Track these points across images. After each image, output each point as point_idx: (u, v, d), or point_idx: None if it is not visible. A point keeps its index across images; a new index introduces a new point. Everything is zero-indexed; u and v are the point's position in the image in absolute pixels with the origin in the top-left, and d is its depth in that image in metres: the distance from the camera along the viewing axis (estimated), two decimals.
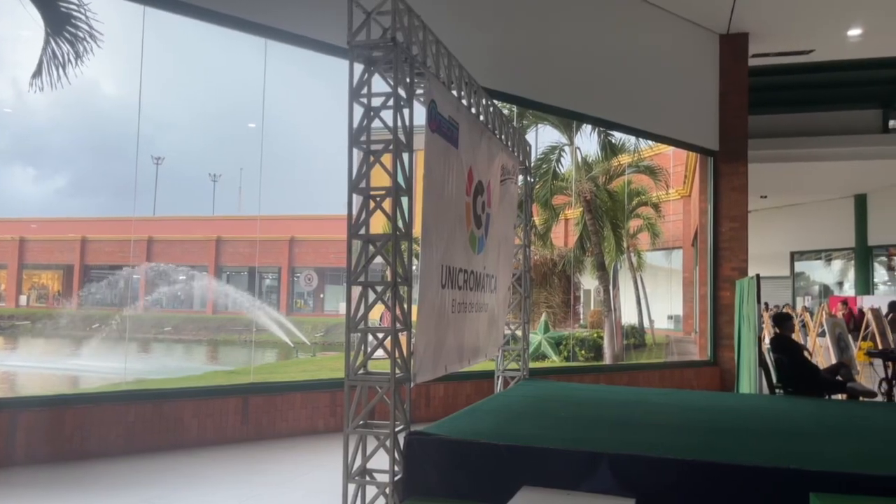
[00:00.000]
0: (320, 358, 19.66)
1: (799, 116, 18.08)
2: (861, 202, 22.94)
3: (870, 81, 17.69)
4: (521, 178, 6.85)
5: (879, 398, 8.45)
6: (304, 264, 31.94)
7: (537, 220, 17.28)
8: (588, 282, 21.66)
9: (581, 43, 9.37)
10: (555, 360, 15.95)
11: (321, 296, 32.69)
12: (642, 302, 20.03)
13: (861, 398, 7.78)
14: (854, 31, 11.11)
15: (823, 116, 18.25)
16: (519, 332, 6.86)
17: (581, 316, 22.94)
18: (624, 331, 18.74)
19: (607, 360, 16.26)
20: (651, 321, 20.27)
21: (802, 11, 10.51)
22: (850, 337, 11.29)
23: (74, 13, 5.82)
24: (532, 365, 7.61)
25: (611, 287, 18.24)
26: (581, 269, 19.89)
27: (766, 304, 20.01)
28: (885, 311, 14.11)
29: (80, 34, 5.82)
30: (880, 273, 23.31)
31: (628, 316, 19.68)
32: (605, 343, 17.09)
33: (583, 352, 16.50)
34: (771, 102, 17.00)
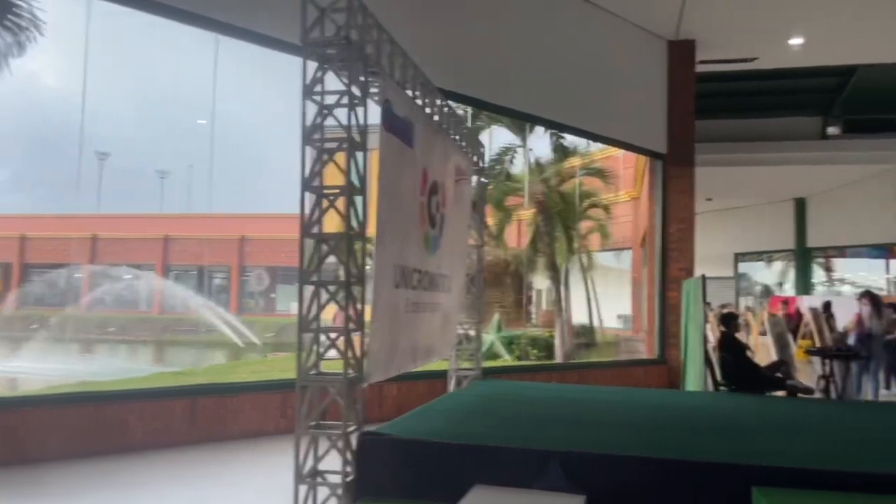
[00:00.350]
0: (271, 359, 19.40)
1: (743, 122, 18.66)
2: (801, 206, 23.78)
3: (810, 89, 18.36)
4: (474, 178, 6.88)
5: (817, 395, 8.77)
6: (255, 263, 31.44)
7: (491, 220, 17.40)
8: (540, 282, 21.91)
9: (534, 46, 9.47)
10: (507, 360, 16.08)
11: (272, 295, 32.23)
12: (593, 302, 20.36)
13: (800, 395, 8.07)
14: (795, 41, 11.52)
15: (766, 122, 18.87)
16: (472, 332, 6.89)
17: (533, 315, 23.19)
18: (575, 330, 19.03)
19: (559, 358, 16.49)
20: (601, 320, 20.61)
21: (746, 20, 10.83)
22: (789, 336, 11.70)
23: (16, 1, 5.61)
24: (485, 364, 7.66)
25: (562, 287, 18.50)
26: (533, 269, 20.11)
27: (709, 303, 20.58)
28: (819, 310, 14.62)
29: (23, 23, 5.60)
30: (818, 274, 24.22)
31: (579, 315, 19.98)
32: (557, 342, 17.32)
33: (535, 351, 16.69)
34: (717, 108, 17.50)
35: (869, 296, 11.44)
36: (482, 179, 7.17)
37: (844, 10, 10.44)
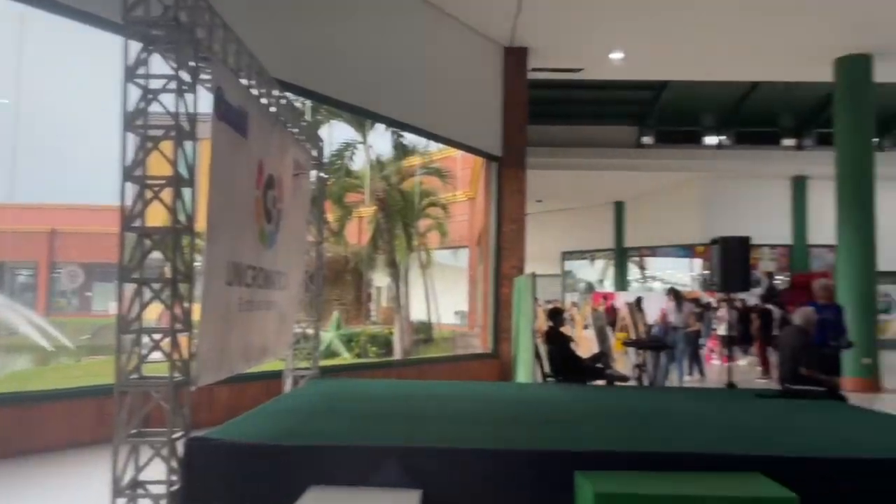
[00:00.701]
0: (86, 363, 17.79)
1: (569, 129, 19.92)
2: (619, 209, 25.83)
3: (628, 101, 19.99)
4: (314, 173, 6.75)
5: (632, 382, 9.54)
6: (68, 259, 28.66)
7: (330, 216, 17.19)
8: (380, 279, 21.99)
9: (376, 43, 9.46)
10: (346, 358, 15.98)
11: (88, 294, 29.58)
12: (431, 298, 20.77)
13: (617, 383, 8.75)
14: (616, 55, 12.45)
15: (589, 130, 20.29)
16: (310, 331, 6.76)
17: (373, 313, 23.23)
18: (414, 327, 19.30)
19: (397, 355, 16.62)
20: (439, 317, 21.07)
21: (573, 33, 11.55)
22: (608, 329, 12.67)
23: None
24: (323, 363, 7.54)
25: (401, 284, 18.69)
26: (373, 266, 20.14)
27: (537, 299, 21.75)
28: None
29: None
30: (634, 272, 26.45)
31: (418, 312, 20.28)
32: (396, 339, 17.47)
33: (374, 348, 16.71)
34: (547, 114, 18.54)
35: (672, 292, 12.84)
36: (322, 174, 7.05)
37: (657, 31, 11.45)
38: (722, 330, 14.88)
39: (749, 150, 21.61)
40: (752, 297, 15.61)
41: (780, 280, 21.42)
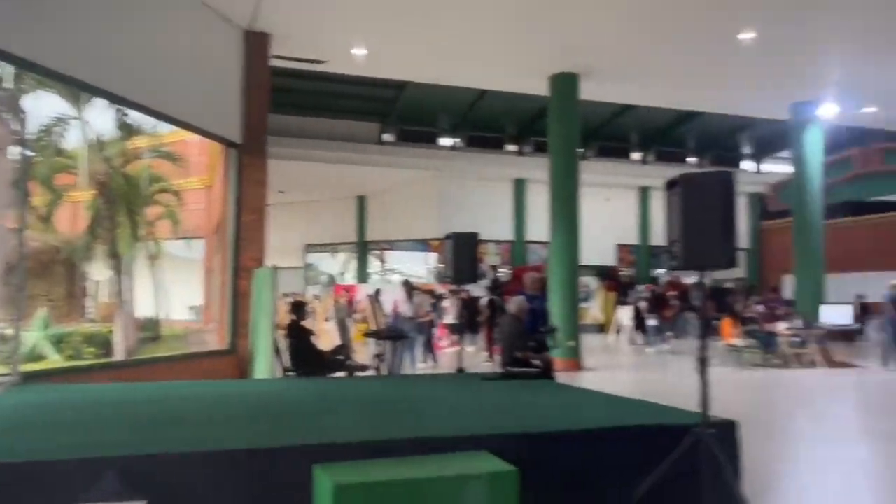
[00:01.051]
0: None
1: (314, 120, 19.88)
2: (361, 203, 26.43)
3: (371, 97, 20.53)
4: (15, 149, 5.86)
5: (371, 372, 9.82)
6: None
7: (37, 200, 15.08)
8: (99, 272, 19.88)
9: (96, 8, 8.45)
10: (56, 360, 14.23)
11: None
12: (160, 293, 19.29)
13: (357, 374, 8.95)
14: (358, 51, 12.65)
15: (334, 123, 20.47)
16: (9, 331, 5.86)
17: (90, 309, 20.94)
18: (140, 324, 17.78)
19: (119, 355, 15.19)
20: (169, 313, 19.67)
21: (316, 24, 11.50)
22: (349, 320, 12.93)
23: None
24: (26, 367, 6.59)
25: (124, 277, 17.13)
26: (91, 257, 18.12)
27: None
28: None
29: None
30: (375, 265, 27.24)
31: (144, 308, 18.70)
32: (118, 338, 15.96)
33: (90, 349, 15.10)
34: (292, 104, 18.28)
35: (405, 284, 13.61)
36: (26, 151, 6.14)
37: (397, 31, 11.89)
38: (449, 319, 16.04)
39: (478, 153, 23.54)
40: (478, 289, 16.98)
41: (503, 273, 23.63)
